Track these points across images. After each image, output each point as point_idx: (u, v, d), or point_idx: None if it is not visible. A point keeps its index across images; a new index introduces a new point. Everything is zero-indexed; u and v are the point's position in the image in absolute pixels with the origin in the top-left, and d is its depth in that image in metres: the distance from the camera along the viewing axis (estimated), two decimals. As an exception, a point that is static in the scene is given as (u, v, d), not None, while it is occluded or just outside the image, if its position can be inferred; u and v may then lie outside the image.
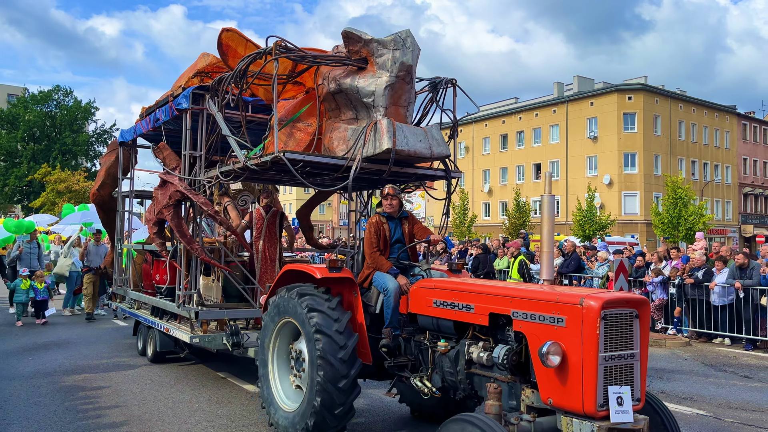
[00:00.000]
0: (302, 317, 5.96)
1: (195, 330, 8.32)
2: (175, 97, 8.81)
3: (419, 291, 5.89)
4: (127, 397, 7.76)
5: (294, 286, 6.39)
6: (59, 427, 6.54)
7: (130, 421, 6.78)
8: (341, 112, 7.43)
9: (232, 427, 6.64)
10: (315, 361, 5.72)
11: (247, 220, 9.13)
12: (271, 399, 6.44)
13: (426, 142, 6.99)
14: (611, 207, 52.10)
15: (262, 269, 8.88)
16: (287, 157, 6.59)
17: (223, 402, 7.65)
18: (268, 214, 9.13)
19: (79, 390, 8.08)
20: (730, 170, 59.84)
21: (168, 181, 8.10)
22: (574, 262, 16.21)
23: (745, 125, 61.90)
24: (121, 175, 11.46)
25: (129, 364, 9.75)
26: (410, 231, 6.67)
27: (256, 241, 8.96)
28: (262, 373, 6.62)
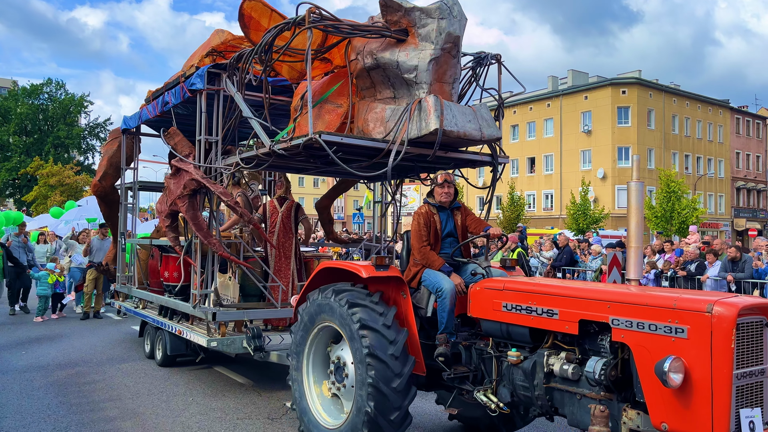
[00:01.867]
0: (343, 315, 5.15)
1: (212, 332, 7.45)
2: (186, 77, 7.90)
3: (483, 292, 5.04)
4: (121, 390, 7.63)
5: (328, 286, 5.55)
6: (52, 421, 6.42)
7: (123, 414, 6.68)
8: (377, 90, 6.55)
9: (226, 420, 6.52)
10: (363, 360, 4.92)
11: (260, 212, 8.24)
12: (306, 411, 5.60)
13: (476, 123, 6.13)
14: (605, 201, 51.57)
15: (276, 266, 8.01)
16: (324, 139, 5.71)
17: (217, 395, 7.51)
18: (283, 206, 8.26)
19: (72, 383, 7.96)
20: (723, 164, 59.40)
21: (182, 169, 7.20)
22: (567, 255, 15.91)
23: (738, 119, 61.43)
24: (124, 165, 10.53)
25: (122, 357, 9.59)
26: (463, 223, 5.83)
27: (270, 235, 8.09)
28: (295, 381, 5.78)
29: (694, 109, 57.78)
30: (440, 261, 5.46)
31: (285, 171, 8.61)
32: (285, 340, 7.66)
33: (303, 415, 5.62)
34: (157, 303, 9.19)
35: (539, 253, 17.37)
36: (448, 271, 5.43)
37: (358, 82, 6.69)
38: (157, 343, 9.04)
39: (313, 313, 5.59)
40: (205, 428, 6.29)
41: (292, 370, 5.85)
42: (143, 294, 9.69)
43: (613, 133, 52.81)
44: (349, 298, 5.18)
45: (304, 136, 5.91)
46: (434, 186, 5.79)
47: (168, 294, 8.99)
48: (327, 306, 5.38)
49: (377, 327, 4.97)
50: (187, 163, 7.25)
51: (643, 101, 53.42)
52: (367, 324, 4.98)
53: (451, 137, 5.90)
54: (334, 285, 5.49)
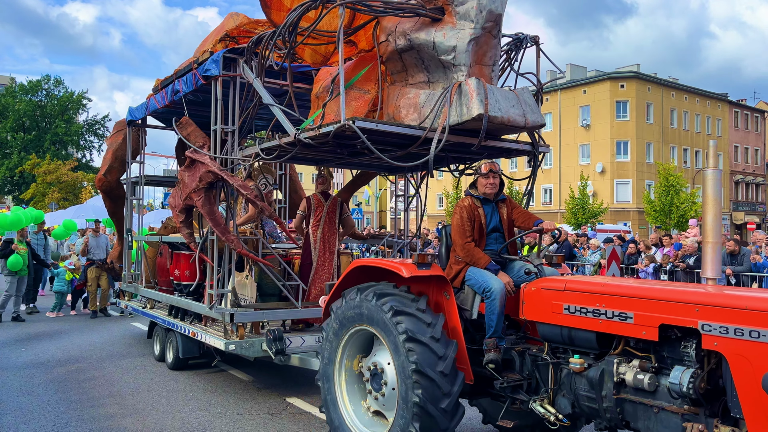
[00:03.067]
0: (385, 323, 4.63)
1: (230, 335, 6.93)
2: (200, 63, 7.36)
3: (540, 293, 4.53)
4: (121, 386, 7.55)
5: (367, 286, 5.03)
6: (53, 417, 6.34)
7: (124, 410, 6.60)
8: (408, 74, 6.04)
9: (226, 416, 6.43)
10: (409, 376, 4.41)
11: (302, 208, 7.71)
12: (342, 426, 5.09)
13: (519, 108, 5.62)
14: (603, 195, 51.13)
15: (318, 263, 7.50)
16: (359, 125, 5.19)
17: (217, 391, 7.41)
18: (328, 201, 7.74)
19: (72, 380, 7.88)
20: (722, 158, 58.86)
21: (197, 160, 6.66)
22: (566, 249, 15.70)
23: (736, 113, 60.94)
24: (130, 158, 9.98)
25: (122, 353, 9.48)
26: (509, 216, 5.31)
27: (314, 230, 7.57)
28: (325, 390, 5.27)
29: (693, 103, 57.33)
30: (486, 258, 4.96)
31: (305, 163, 8.08)
32: (306, 342, 7.15)
33: (335, 423, 5.12)
34: (168, 303, 8.66)
35: None
36: (495, 269, 4.92)
37: (387, 66, 6.17)
38: (168, 346, 8.52)
39: (348, 314, 5.08)
40: (205, 424, 6.18)
41: (323, 376, 5.34)
42: (152, 294, 9.15)
43: (611, 127, 52.33)
44: (394, 304, 4.66)
45: (335, 123, 5.40)
46: (477, 176, 5.28)
47: (178, 293, 8.47)
48: (366, 309, 4.86)
49: (425, 340, 4.46)
50: (203, 154, 6.71)
51: (642, 95, 52.95)
52: (415, 336, 4.47)
53: (494, 124, 5.39)
54: (375, 286, 4.97)
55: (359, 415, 5.10)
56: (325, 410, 5.27)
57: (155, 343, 9.04)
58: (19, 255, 12.51)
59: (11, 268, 12.38)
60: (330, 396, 5.23)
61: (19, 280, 12.63)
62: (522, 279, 4.99)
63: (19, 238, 12.95)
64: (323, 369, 5.34)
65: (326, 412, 5.25)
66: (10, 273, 12.47)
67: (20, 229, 13.17)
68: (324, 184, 7.82)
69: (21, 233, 13.08)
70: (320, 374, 5.38)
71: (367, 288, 5.00)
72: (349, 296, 5.12)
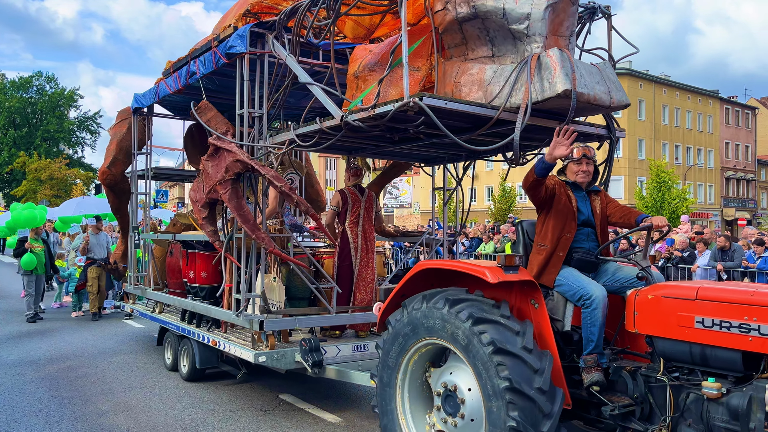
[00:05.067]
0: (464, 334, 3.81)
1: (259, 344, 6.06)
2: (220, 41, 6.47)
3: (661, 302, 3.71)
4: (113, 384, 7.40)
5: (435, 293, 4.20)
6: (44, 415, 6.21)
7: (115, 407, 6.46)
8: (468, 48, 5.19)
9: (219, 412, 6.27)
10: (500, 396, 3.59)
11: (335, 204, 6.82)
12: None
13: (604, 85, 4.79)
14: (597, 191, 50.67)
15: (361, 264, 6.65)
16: (427, 103, 4.33)
17: (209, 387, 7.22)
18: (365, 196, 6.87)
19: (64, 377, 7.72)
20: (713, 154, 58.57)
21: (222, 149, 5.77)
22: None
23: (727, 109, 60.52)
24: (136, 150, 9.05)
25: (114, 350, 9.31)
26: (603, 211, 4.49)
27: (352, 227, 6.71)
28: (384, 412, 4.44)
29: (684, 100, 56.88)
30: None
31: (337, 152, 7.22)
32: (342, 351, 6.31)
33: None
34: (182, 307, 7.77)
35: None
36: (547, 166, 4.04)
37: (444, 39, 5.32)
38: (183, 354, 7.62)
39: (413, 326, 4.24)
40: (197, 421, 6.03)
41: (380, 398, 4.51)
42: (164, 297, 8.24)
43: (604, 123, 51.83)
44: (472, 311, 3.84)
45: (395, 101, 4.54)
46: (568, 162, 4.45)
47: (192, 297, 7.58)
48: (437, 320, 4.03)
49: (516, 351, 3.64)
50: (229, 141, 5.83)
51: (633, 91, 52.39)
52: (504, 347, 3.64)
53: (579, 102, 4.55)
54: (444, 292, 4.14)
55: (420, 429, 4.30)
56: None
57: (166, 352, 8.14)
58: (34, 254, 11.88)
59: (25, 267, 11.86)
60: (390, 422, 4.39)
61: (37, 278, 12.09)
62: (624, 284, 4.19)
63: (33, 236, 12.18)
64: (381, 396, 4.50)
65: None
66: (26, 273, 11.96)
67: (35, 228, 12.40)
68: (358, 176, 6.95)
69: (36, 231, 12.33)
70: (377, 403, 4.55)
71: (434, 295, 4.16)
72: (412, 306, 4.29)
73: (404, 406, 4.43)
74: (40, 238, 12.34)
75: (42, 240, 12.38)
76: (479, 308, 3.87)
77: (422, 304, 4.19)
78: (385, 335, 4.54)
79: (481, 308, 3.87)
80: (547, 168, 4.10)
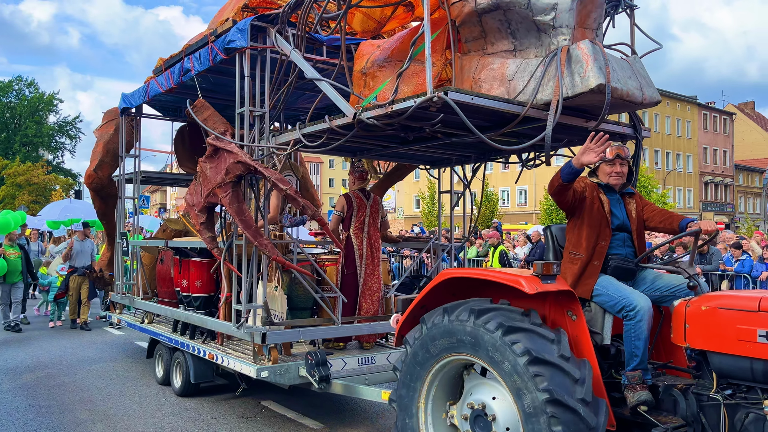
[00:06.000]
0: (494, 345, 3.46)
1: (261, 359, 5.64)
2: (217, 36, 6.06)
3: (717, 314, 3.37)
4: (92, 392, 7.18)
5: (456, 305, 3.83)
6: (21, 424, 6.05)
7: (94, 416, 6.28)
8: (488, 42, 4.85)
9: (200, 420, 6.13)
10: (541, 409, 3.25)
11: (339, 209, 6.42)
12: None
13: (636, 81, 4.47)
14: (578, 195, 50.94)
15: (367, 272, 6.26)
16: (453, 98, 3.97)
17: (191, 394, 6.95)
18: (370, 200, 6.49)
19: (41, 386, 7.50)
20: (692, 159, 59.04)
21: (223, 149, 5.36)
22: (540, 250, 15.21)
23: (705, 115, 61.08)
24: (123, 152, 8.58)
25: (93, 359, 9.03)
26: (639, 215, 4.17)
27: (357, 233, 6.31)
28: None
29: (663, 105, 57.27)
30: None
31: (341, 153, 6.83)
32: (348, 364, 5.91)
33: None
34: (175, 318, 7.30)
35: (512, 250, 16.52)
36: (574, 172, 3.75)
37: (461, 32, 4.98)
38: (175, 368, 7.14)
39: (433, 344, 3.87)
40: (178, 429, 5.89)
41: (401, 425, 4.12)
42: (154, 307, 7.77)
43: (586, 129, 52.03)
44: (501, 320, 3.50)
45: (416, 96, 4.18)
46: (600, 162, 4.12)
47: (185, 307, 7.14)
48: (462, 333, 3.66)
49: (553, 359, 3.30)
50: (229, 142, 5.41)
51: (615, 98, 52.77)
52: (540, 356, 3.30)
53: (613, 98, 4.23)
54: (467, 303, 3.78)
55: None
56: None
57: (157, 365, 7.65)
58: (8, 260, 11.22)
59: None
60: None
61: (11, 287, 11.41)
62: (665, 293, 3.86)
63: (8, 242, 11.56)
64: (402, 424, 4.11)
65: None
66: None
67: (8, 233, 11.77)
68: (363, 179, 6.57)
69: (9, 237, 11.70)
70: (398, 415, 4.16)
71: (456, 307, 3.80)
72: (432, 320, 3.92)
73: (429, 428, 4.05)
74: (17, 244, 11.72)
75: (19, 246, 11.77)
76: (508, 317, 3.53)
77: (443, 318, 3.82)
78: (403, 355, 4.15)
79: (510, 317, 3.53)
80: (574, 173, 3.78)
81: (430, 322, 3.92)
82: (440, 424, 4.03)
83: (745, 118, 70.70)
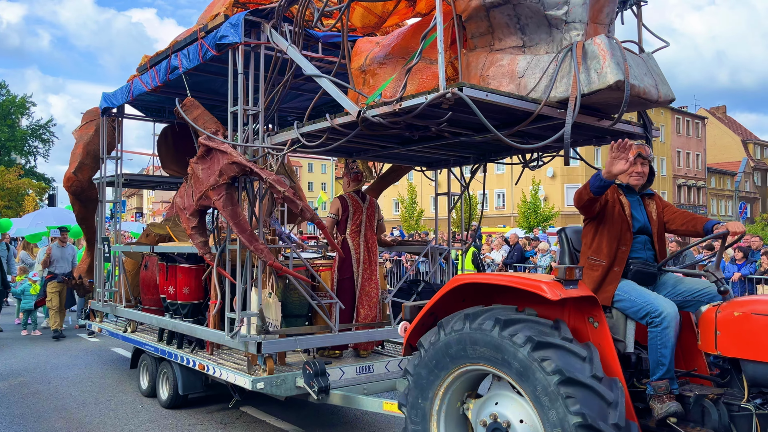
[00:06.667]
0: (521, 361, 3.25)
1: (256, 369, 5.36)
2: (208, 32, 5.78)
3: (752, 320, 3.21)
4: (67, 400, 7.04)
5: (479, 311, 3.62)
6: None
7: (69, 425, 6.16)
8: (495, 38, 4.66)
9: (177, 427, 6.04)
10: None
11: (334, 211, 6.17)
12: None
13: (651, 78, 4.31)
14: (555, 199, 51.33)
15: (364, 277, 6.02)
16: (468, 94, 3.76)
17: None
18: (366, 203, 6.25)
19: (15, 394, 7.38)
20: (665, 162, 59.73)
21: (216, 149, 5.08)
22: (518, 253, 15.57)
23: (678, 119, 61.89)
24: (104, 154, 8.23)
25: (68, 366, 8.86)
26: (660, 217, 3.99)
27: (354, 237, 6.08)
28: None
29: (637, 110, 58.10)
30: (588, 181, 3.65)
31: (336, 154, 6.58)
32: (346, 373, 5.66)
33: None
34: (161, 327, 6.98)
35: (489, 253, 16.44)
36: (604, 184, 3.59)
37: (467, 28, 4.77)
38: (161, 379, 6.82)
39: (452, 350, 3.65)
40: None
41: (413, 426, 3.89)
42: (139, 315, 7.43)
43: (562, 133, 52.46)
44: (530, 333, 3.28)
45: (427, 93, 3.96)
46: None
47: (172, 315, 6.82)
48: (484, 343, 3.45)
49: (586, 380, 3.10)
50: (223, 142, 5.14)
51: (590, 102, 53.33)
52: (573, 377, 3.09)
53: (630, 95, 4.05)
54: (491, 310, 3.57)
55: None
56: None
57: (142, 376, 7.30)
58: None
59: None
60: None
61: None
62: (688, 298, 3.69)
63: None
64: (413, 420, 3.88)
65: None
66: None
67: None
68: (359, 181, 6.33)
69: None
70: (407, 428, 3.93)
71: (479, 315, 3.58)
72: (451, 326, 3.69)
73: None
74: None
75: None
76: (537, 330, 3.31)
77: (464, 324, 3.60)
78: (416, 359, 3.93)
79: (539, 330, 3.31)
80: (604, 186, 3.62)
81: (449, 328, 3.70)
82: (453, 413, 3.81)
83: (717, 122, 71.90)
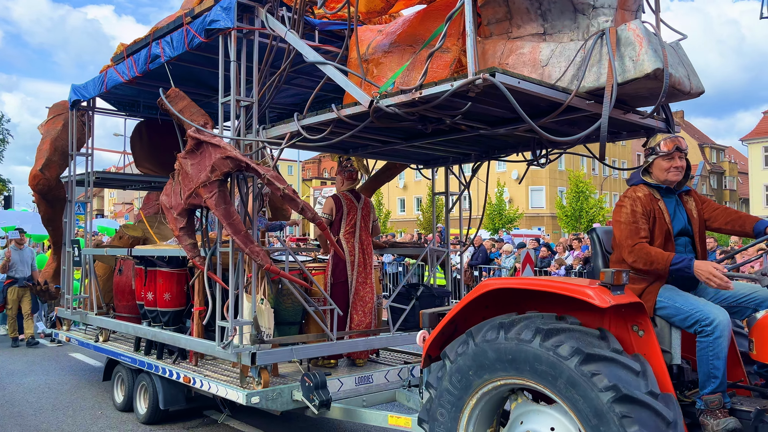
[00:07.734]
0: (566, 375, 2.92)
1: (249, 382, 4.92)
2: (195, 16, 5.32)
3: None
4: (23, 407, 6.91)
5: (516, 319, 3.28)
6: None
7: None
8: (513, 24, 4.35)
9: (138, 431, 5.90)
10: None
11: (327, 211, 5.76)
12: None
13: (683, 68, 4.04)
14: (519, 201, 51.81)
15: (358, 280, 5.63)
16: (502, 81, 3.42)
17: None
18: (361, 202, 5.86)
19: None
20: (626, 165, 60.96)
21: (207, 143, 4.63)
22: (482, 254, 15.61)
23: (638, 124, 63.29)
24: (74, 150, 7.65)
25: (24, 372, 8.67)
26: (700, 215, 3.71)
27: (348, 238, 5.68)
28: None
29: (599, 114, 59.04)
30: (667, 254, 3.33)
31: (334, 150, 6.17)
32: (345, 384, 5.27)
33: None
34: (139, 335, 6.47)
35: None
36: (688, 264, 3.26)
37: (483, 14, 4.45)
38: (140, 393, 6.30)
39: (484, 361, 3.30)
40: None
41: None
42: (114, 324, 6.89)
43: (527, 136, 52.89)
44: (578, 345, 2.95)
45: (452, 79, 3.61)
46: (655, 158, 3.65)
47: (149, 323, 6.33)
48: (523, 354, 3.10)
49: (643, 398, 2.78)
50: (214, 135, 4.69)
51: (554, 106, 53.91)
52: (630, 393, 2.77)
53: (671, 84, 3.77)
54: (528, 319, 3.23)
55: None
56: None
57: (116, 389, 6.75)
58: None
59: None
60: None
61: None
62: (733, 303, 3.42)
63: None
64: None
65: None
66: None
67: None
68: (353, 179, 5.94)
69: None
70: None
71: (515, 323, 3.24)
72: (482, 335, 3.34)
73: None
74: None
75: None
76: (585, 341, 2.98)
77: (498, 333, 3.25)
78: (440, 371, 3.56)
79: (587, 341, 2.98)
80: (684, 276, 3.35)
81: (480, 337, 3.34)
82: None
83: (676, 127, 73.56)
